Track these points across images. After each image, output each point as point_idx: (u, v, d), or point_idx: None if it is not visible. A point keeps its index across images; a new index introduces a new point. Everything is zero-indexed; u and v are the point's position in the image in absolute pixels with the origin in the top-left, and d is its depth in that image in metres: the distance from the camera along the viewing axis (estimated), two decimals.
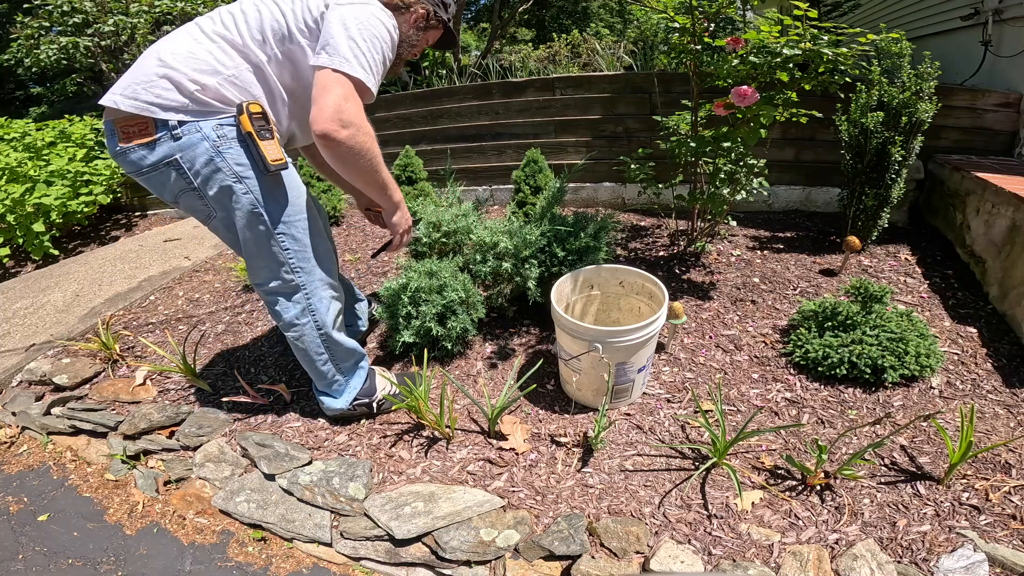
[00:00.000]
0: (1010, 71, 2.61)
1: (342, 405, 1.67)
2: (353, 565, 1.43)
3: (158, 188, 1.30)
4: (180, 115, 1.20)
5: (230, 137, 1.24)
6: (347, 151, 1.22)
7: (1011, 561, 1.15)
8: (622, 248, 2.68)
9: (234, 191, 1.28)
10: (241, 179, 1.28)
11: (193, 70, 1.20)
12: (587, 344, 1.50)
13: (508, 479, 1.50)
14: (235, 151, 1.25)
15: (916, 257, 2.37)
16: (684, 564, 1.22)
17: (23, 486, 1.77)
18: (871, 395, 1.64)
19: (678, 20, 1.96)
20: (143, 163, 1.23)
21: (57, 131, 3.99)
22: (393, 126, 3.65)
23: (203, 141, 1.22)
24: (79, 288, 2.88)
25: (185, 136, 1.21)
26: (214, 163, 1.24)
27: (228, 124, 1.24)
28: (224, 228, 1.38)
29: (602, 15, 15.54)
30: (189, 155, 1.22)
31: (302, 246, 1.42)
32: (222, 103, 1.23)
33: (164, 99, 1.19)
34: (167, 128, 1.20)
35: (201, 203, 1.31)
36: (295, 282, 1.45)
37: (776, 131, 2.80)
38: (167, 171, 1.25)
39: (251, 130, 1.23)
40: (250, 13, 1.26)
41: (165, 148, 1.22)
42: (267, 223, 1.34)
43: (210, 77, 1.21)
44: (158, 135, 1.21)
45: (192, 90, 1.20)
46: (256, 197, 1.30)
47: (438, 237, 2.05)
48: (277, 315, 1.50)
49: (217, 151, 1.23)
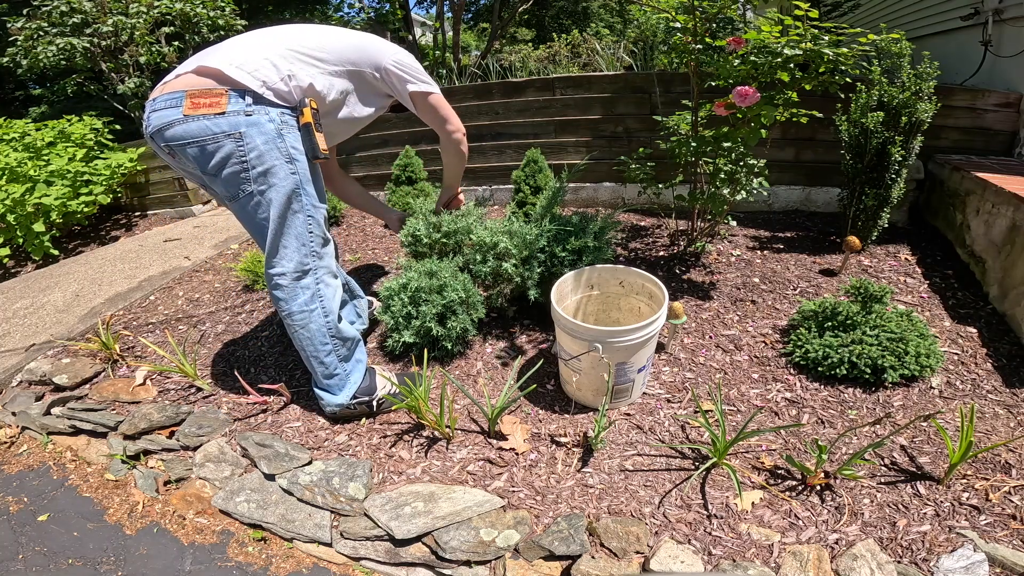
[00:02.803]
0: (1010, 71, 2.61)
1: (342, 401, 1.67)
2: (353, 565, 1.43)
3: (204, 158, 1.39)
4: (265, 91, 1.38)
5: (291, 124, 1.45)
6: (464, 146, 1.81)
7: (1011, 561, 1.15)
8: (622, 248, 2.68)
9: (283, 170, 1.44)
10: (293, 160, 1.45)
11: (288, 61, 1.44)
12: (587, 344, 1.50)
13: (508, 479, 1.50)
14: (293, 136, 1.45)
15: (916, 257, 2.37)
16: (684, 564, 1.21)
17: (23, 486, 1.77)
18: (871, 395, 1.64)
19: (679, 20, 1.96)
20: (205, 133, 1.35)
21: (57, 131, 3.99)
22: (393, 126, 3.65)
23: (269, 123, 1.39)
24: (79, 288, 2.88)
25: (255, 115, 1.38)
26: (274, 142, 1.41)
27: (289, 114, 1.45)
28: (254, 208, 1.47)
29: (602, 15, 15.53)
30: (253, 131, 1.38)
31: (322, 231, 1.57)
32: (297, 94, 1.45)
33: (262, 75, 1.38)
34: (243, 103, 1.36)
35: (242, 177, 1.42)
36: (310, 266, 1.55)
37: (776, 131, 2.80)
38: (225, 142, 1.37)
39: (311, 121, 1.45)
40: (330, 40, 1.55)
41: (234, 120, 1.36)
42: (303, 203, 1.49)
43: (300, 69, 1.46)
44: (230, 108, 1.35)
45: (284, 75, 1.42)
46: (301, 178, 1.47)
47: (438, 237, 2.05)
48: (286, 302, 1.55)
49: (279, 133, 1.41)
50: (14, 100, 8.74)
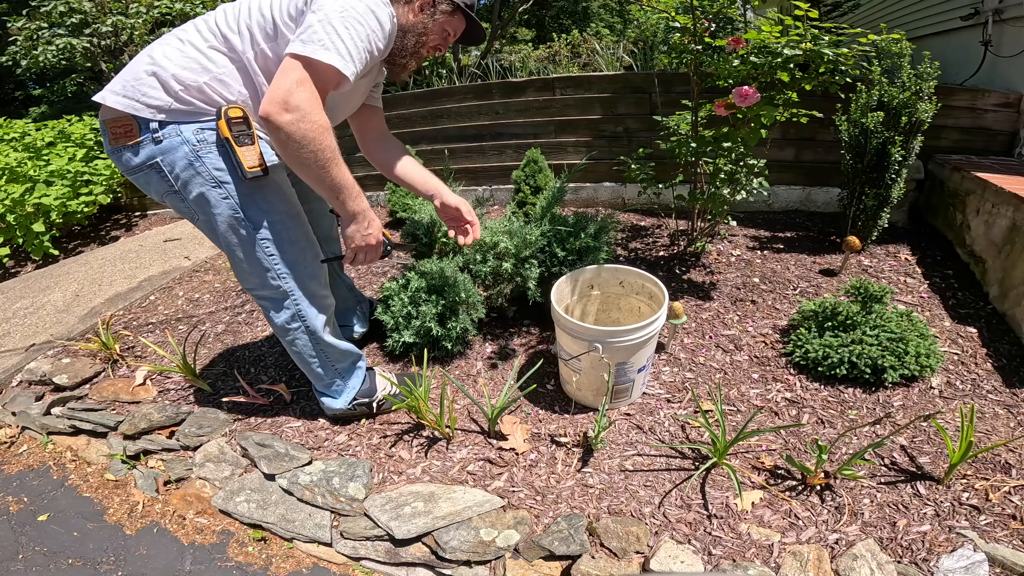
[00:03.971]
0: (1010, 71, 2.61)
1: (342, 405, 1.67)
2: (353, 565, 1.43)
3: (145, 188, 1.32)
4: (163, 115, 1.19)
5: (210, 141, 1.23)
6: (286, 137, 1.11)
7: (1011, 561, 1.15)
8: (622, 248, 2.68)
9: (213, 196, 1.27)
10: (220, 184, 1.26)
11: (180, 68, 1.18)
12: (587, 344, 1.50)
13: (508, 479, 1.50)
14: (213, 156, 1.24)
15: (916, 257, 2.37)
16: (684, 564, 1.22)
17: (23, 486, 1.77)
18: (871, 395, 1.64)
19: (679, 20, 1.96)
20: (129, 164, 1.25)
21: (57, 131, 3.99)
22: (393, 126, 3.65)
23: (183, 145, 1.21)
24: (79, 288, 2.88)
25: (166, 140, 1.21)
26: (193, 167, 1.23)
27: (209, 128, 1.22)
28: (208, 231, 1.37)
29: (602, 15, 15.52)
30: (169, 159, 1.22)
31: (287, 253, 1.38)
32: (206, 104, 1.21)
33: (149, 97, 1.18)
34: (149, 131, 1.20)
35: (183, 205, 1.31)
36: (282, 288, 1.42)
37: (776, 131, 2.80)
38: (150, 173, 1.25)
39: (228, 136, 1.21)
40: (241, 10, 1.23)
41: (148, 151, 1.22)
42: (248, 229, 1.31)
43: (196, 76, 1.19)
44: (141, 137, 1.21)
45: (176, 89, 1.18)
46: (235, 203, 1.28)
47: (438, 237, 2.05)
48: (270, 320, 1.51)
49: (196, 155, 1.22)
50: (14, 100, 8.74)
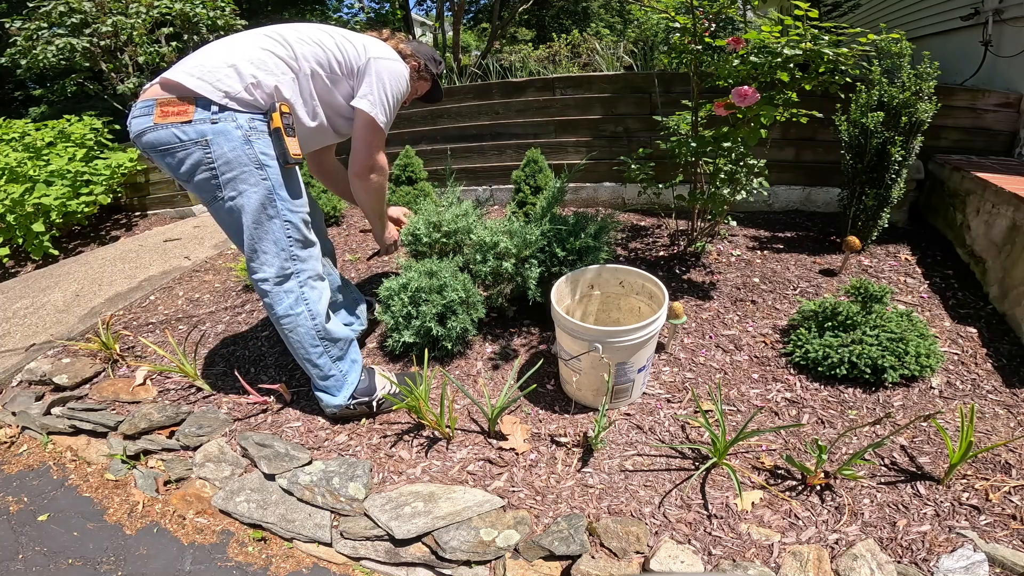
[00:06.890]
0: (1010, 71, 2.61)
1: (341, 401, 1.67)
2: (353, 565, 1.43)
3: (175, 164, 1.40)
4: (228, 100, 1.37)
5: (260, 130, 1.42)
6: (371, 189, 1.71)
7: (1011, 561, 1.15)
8: (622, 248, 2.68)
9: (255, 177, 1.43)
10: (263, 166, 1.43)
11: (256, 68, 1.41)
12: (587, 344, 1.50)
13: (508, 479, 1.50)
14: (263, 142, 1.43)
15: (916, 257, 2.37)
16: (684, 564, 1.21)
17: (23, 486, 1.77)
18: (871, 395, 1.64)
19: (679, 20, 1.96)
20: (173, 140, 1.36)
21: (56, 131, 3.98)
22: (393, 126, 3.63)
23: (236, 130, 1.38)
24: (79, 288, 2.88)
25: (221, 122, 1.37)
26: (241, 149, 1.39)
27: (259, 119, 1.43)
28: (229, 213, 1.46)
29: (602, 15, 15.52)
30: (220, 139, 1.37)
31: (302, 235, 1.55)
32: (264, 99, 1.43)
33: (224, 84, 1.37)
34: (209, 111, 1.36)
35: (212, 183, 1.42)
36: (291, 270, 1.54)
37: (776, 131, 2.80)
38: (194, 150, 1.38)
39: (280, 126, 1.42)
40: (313, 36, 1.52)
41: (200, 128, 1.36)
42: (277, 209, 1.48)
43: (265, 76, 1.42)
44: (196, 117, 1.35)
45: (249, 83, 1.39)
46: (273, 183, 1.46)
47: (438, 237, 2.05)
48: (272, 306, 1.56)
49: (247, 140, 1.40)
50: (14, 100, 8.74)
